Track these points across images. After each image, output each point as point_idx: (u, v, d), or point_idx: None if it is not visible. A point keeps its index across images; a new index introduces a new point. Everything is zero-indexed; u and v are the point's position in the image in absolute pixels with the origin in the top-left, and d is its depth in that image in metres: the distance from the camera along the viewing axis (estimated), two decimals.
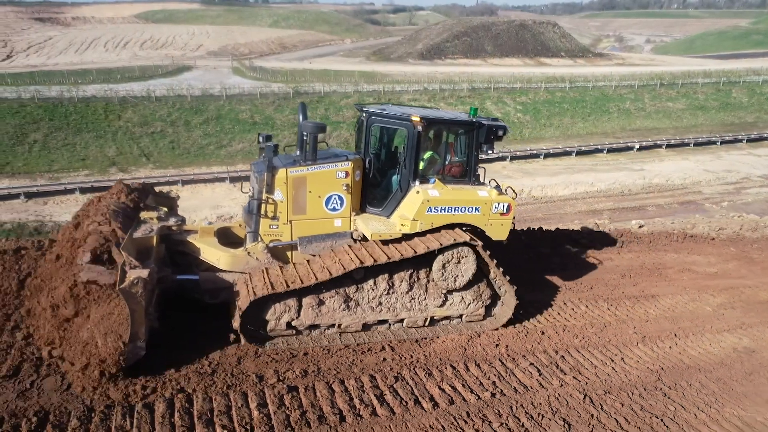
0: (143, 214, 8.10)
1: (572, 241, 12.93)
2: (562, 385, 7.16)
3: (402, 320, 8.14)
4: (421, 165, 8.19)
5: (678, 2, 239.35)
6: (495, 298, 8.57)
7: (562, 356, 7.92)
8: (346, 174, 7.80)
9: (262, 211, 7.74)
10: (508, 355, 7.78)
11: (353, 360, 7.27)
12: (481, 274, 8.23)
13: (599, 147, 40.85)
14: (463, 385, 6.95)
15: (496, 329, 8.48)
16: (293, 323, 7.51)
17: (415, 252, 7.58)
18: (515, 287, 8.39)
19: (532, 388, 7.07)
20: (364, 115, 8.26)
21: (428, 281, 8.05)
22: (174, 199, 9.33)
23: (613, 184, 33.48)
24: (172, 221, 8.17)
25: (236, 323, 7.08)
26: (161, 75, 57.73)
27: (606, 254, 12.49)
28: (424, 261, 7.85)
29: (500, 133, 8.24)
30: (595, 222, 16.73)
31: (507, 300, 8.51)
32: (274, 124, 42.74)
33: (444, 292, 8.13)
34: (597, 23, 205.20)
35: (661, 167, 37.34)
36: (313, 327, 7.71)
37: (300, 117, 8.14)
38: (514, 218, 8.44)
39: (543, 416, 6.51)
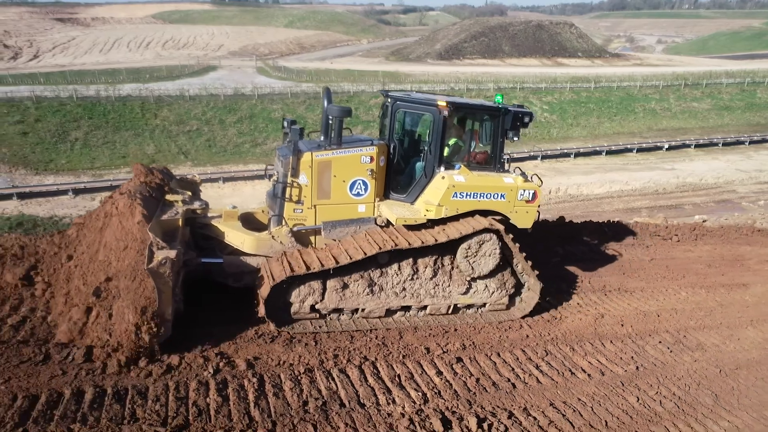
0: (168, 197, 8.09)
1: (651, 234, 13.48)
2: (695, 361, 7.74)
3: (425, 307, 8.11)
4: (446, 151, 8.16)
5: (689, 2, 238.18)
6: (518, 286, 8.55)
7: (684, 336, 8.49)
8: (371, 159, 7.75)
9: (287, 195, 7.72)
10: (636, 334, 8.36)
11: (500, 336, 7.88)
12: (505, 262, 8.21)
13: (629, 147, 41.23)
14: (607, 359, 7.55)
15: (523, 317, 8.47)
16: (317, 306, 7.51)
17: (436, 240, 7.55)
18: (537, 272, 8.33)
19: (668, 362, 7.66)
20: (389, 100, 8.18)
21: (452, 268, 8.00)
22: (197, 184, 9.21)
23: (647, 183, 33.91)
24: (196, 204, 8.09)
25: (262, 310, 7.11)
26: (188, 75, 58.61)
27: (685, 246, 13.03)
28: (449, 247, 7.81)
29: (526, 119, 8.18)
30: (664, 217, 17.25)
31: (532, 287, 8.44)
32: (306, 123, 43.33)
33: (468, 279, 8.07)
34: (607, 23, 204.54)
35: (693, 166, 37.72)
36: (337, 311, 7.70)
37: (324, 102, 8.02)
38: (539, 206, 8.35)
39: (689, 387, 7.10)
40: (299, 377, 6.33)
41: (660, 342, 8.18)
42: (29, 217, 26.57)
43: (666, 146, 41.45)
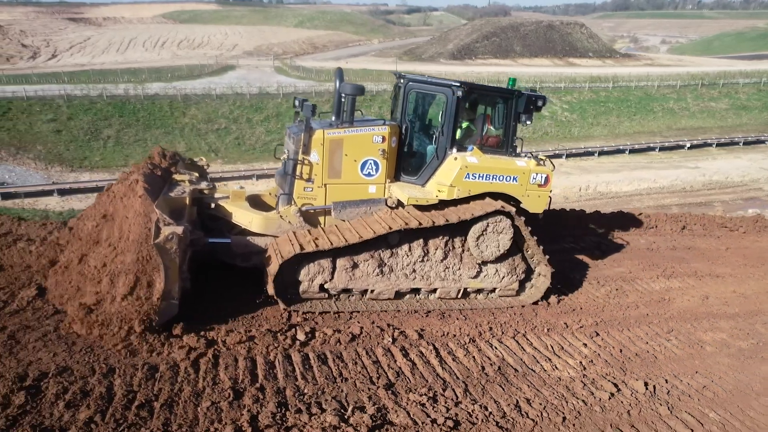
0: (175, 177, 8.06)
1: (718, 225, 14.06)
2: None
3: (435, 290, 8.04)
4: (458, 134, 8.11)
5: (692, 3, 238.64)
6: (529, 272, 8.45)
7: None
8: (383, 139, 7.65)
9: (298, 172, 7.62)
10: (743, 314, 8.93)
11: (623, 314, 8.46)
12: (516, 247, 8.14)
13: (651, 145, 41.85)
14: (727, 335, 8.12)
15: (533, 303, 8.40)
16: (326, 286, 7.45)
17: (447, 220, 7.51)
18: (549, 258, 8.27)
19: None
20: (402, 81, 8.08)
21: (463, 250, 7.92)
22: (203, 168, 9.12)
23: (674, 181, 34.50)
24: (203, 185, 8.06)
25: (271, 287, 7.07)
26: (208, 74, 59.22)
27: (751, 237, 13.58)
28: (460, 229, 7.74)
29: (539, 103, 8.12)
30: (720, 210, 17.84)
31: (542, 275, 8.35)
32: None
33: (479, 262, 8.00)
34: (610, 24, 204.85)
35: (716, 165, 38.32)
36: (346, 291, 7.63)
37: (337, 82, 7.88)
38: (551, 191, 8.27)
39: None
40: (466, 346, 6.92)
41: (766, 323, 8.76)
42: (80, 212, 27.18)
43: (688, 145, 42.07)
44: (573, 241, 11.75)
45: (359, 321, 7.21)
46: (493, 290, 8.35)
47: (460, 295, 8.16)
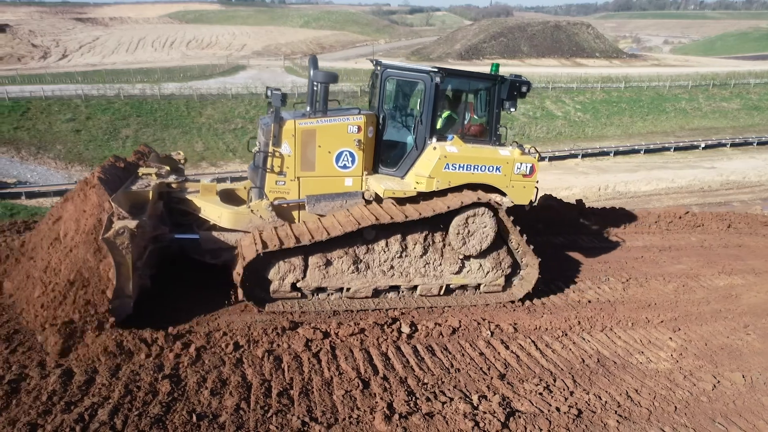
0: (141, 171, 7.69)
1: (761, 224, 14.27)
2: None
3: (415, 287, 7.67)
4: (439, 124, 7.85)
5: (695, 3, 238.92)
6: (515, 267, 8.08)
7: None
8: (359, 129, 7.30)
9: (269, 165, 7.27)
10: None
11: (697, 310, 8.63)
12: (501, 240, 7.78)
13: (666, 145, 42.09)
14: None
15: (514, 302, 8.07)
16: (298, 285, 7.10)
17: (421, 214, 7.11)
18: (539, 259, 7.91)
19: None
20: (379, 68, 7.72)
21: (444, 245, 7.53)
22: (177, 162, 8.77)
23: (692, 181, 34.72)
24: (171, 178, 7.71)
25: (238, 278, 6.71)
26: (220, 74, 59.44)
27: None
28: (440, 222, 7.41)
29: (523, 89, 7.78)
30: (760, 208, 18.04)
31: (529, 270, 8.00)
32: None
33: (461, 257, 7.63)
34: (612, 24, 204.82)
35: (732, 165, 38.55)
36: (320, 290, 7.31)
37: (311, 70, 7.53)
38: (537, 182, 7.86)
39: None
40: (560, 339, 7.11)
41: None
42: None
43: (702, 145, 42.31)
44: (625, 238, 11.95)
45: (453, 315, 7.39)
46: (478, 286, 8.01)
47: (442, 292, 7.81)
